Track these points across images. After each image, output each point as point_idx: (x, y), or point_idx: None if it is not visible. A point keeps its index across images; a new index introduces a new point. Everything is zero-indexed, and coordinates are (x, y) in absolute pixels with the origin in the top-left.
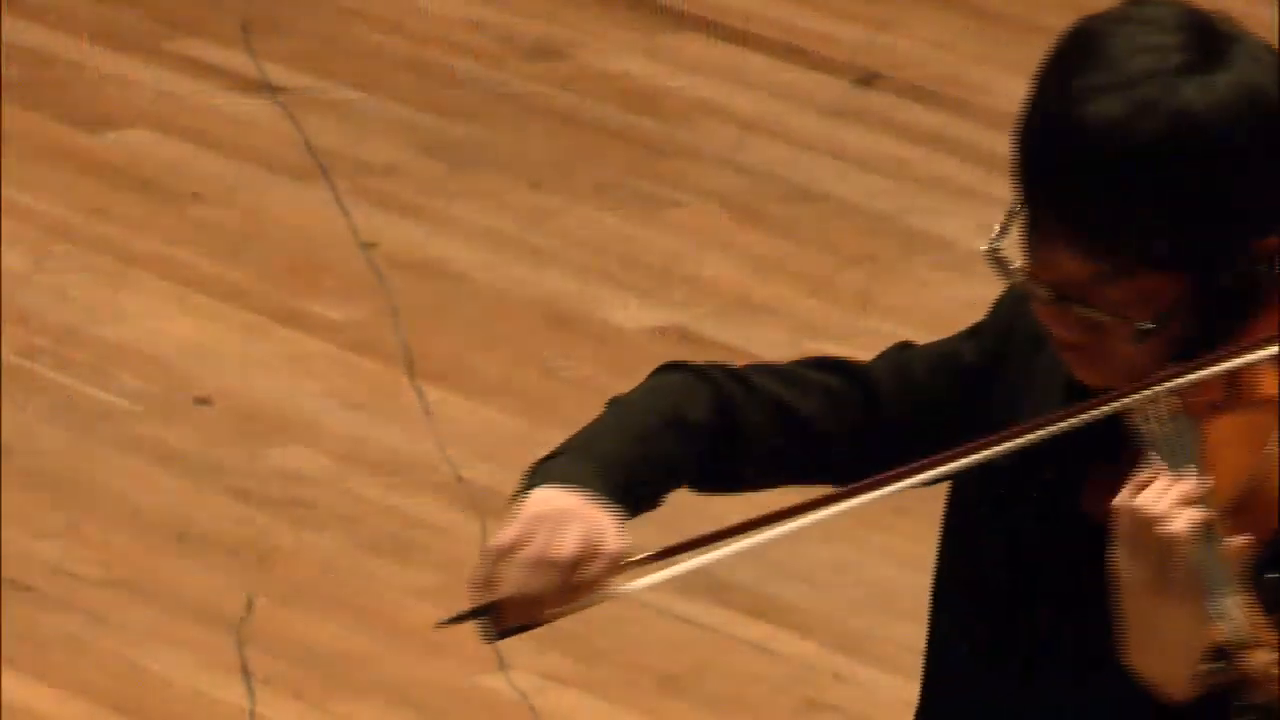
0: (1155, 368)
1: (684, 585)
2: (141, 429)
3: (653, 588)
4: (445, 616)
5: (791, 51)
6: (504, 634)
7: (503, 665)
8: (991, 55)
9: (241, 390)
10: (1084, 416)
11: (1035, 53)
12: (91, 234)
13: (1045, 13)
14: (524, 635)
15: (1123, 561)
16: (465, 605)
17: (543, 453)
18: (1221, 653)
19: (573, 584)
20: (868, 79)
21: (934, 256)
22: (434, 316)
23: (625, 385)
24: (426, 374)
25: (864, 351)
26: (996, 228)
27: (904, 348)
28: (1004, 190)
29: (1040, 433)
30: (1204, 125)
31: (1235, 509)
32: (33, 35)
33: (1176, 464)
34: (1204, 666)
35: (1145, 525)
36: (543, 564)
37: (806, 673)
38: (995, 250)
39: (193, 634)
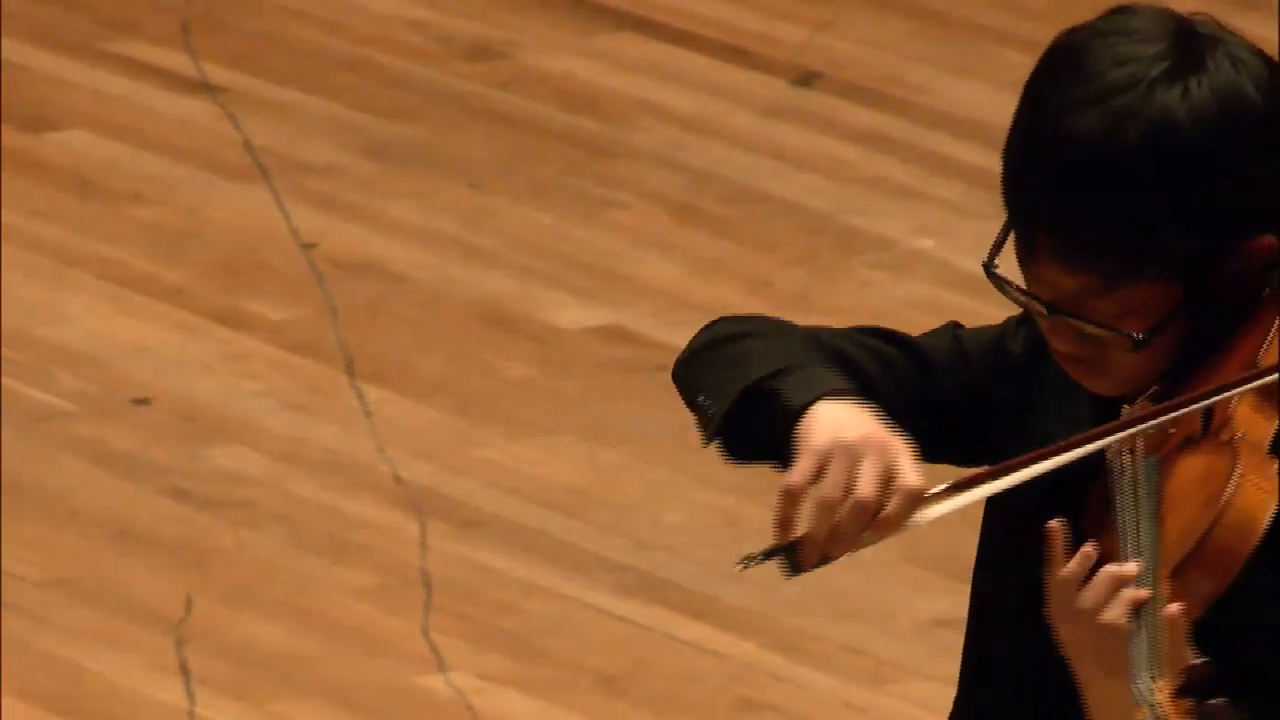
0: (1161, 370)
1: (623, 585)
2: (80, 429)
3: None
4: (744, 556)
5: (731, 51)
6: (803, 571)
7: (441, 666)
8: (931, 56)
9: (180, 390)
10: (1114, 437)
11: (975, 53)
12: (31, 234)
13: (985, 13)
14: (461, 635)
15: (1064, 635)
16: (410, 603)
17: (480, 453)
18: None
19: (871, 521)
20: (807, 79)
21: (873, 256)
22: (373, 317)
23: (564, 385)
24: (365, 374)
25: None
26: (991, 245)
27: (957, 326)
28: (944, 190)
29: (1092, 446)
30: (1183, 132)
31: (1184, 563)
32: None
33: (1134, 511)
34: None
35: (1082, 615)
36: (843, 505)
37: (745, 672)
38: (992, 267)
39: (132, 634)
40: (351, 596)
